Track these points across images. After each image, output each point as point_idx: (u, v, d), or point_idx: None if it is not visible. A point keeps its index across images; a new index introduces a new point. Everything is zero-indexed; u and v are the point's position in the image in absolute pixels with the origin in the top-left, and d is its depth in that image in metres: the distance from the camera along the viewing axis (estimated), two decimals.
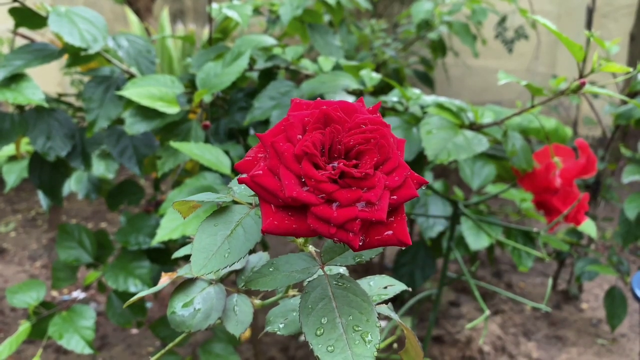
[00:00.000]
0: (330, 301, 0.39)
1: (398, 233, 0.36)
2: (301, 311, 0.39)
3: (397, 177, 0.36)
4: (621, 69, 0.77)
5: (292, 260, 0.43)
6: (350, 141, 0.37)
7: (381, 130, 0.37)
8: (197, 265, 0.38)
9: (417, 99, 1.03)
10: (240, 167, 0.38)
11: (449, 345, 1.51)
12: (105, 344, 1.54)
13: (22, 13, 0.96)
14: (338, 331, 0.37)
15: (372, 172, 0.35)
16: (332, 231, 0.34)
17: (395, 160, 0.37)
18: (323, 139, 0.36)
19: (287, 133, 0.37)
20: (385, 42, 1.94)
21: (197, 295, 0.49)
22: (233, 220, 0.40)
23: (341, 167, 0.35)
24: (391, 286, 0.47)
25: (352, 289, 0.41)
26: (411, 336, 0.45)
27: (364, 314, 0.38)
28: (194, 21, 3.08)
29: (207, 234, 0.39)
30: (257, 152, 0.39)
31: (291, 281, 0.42)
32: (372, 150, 0.36)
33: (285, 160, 0.35)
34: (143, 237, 1.09)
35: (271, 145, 0.36)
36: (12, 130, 0.98)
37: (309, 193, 0.35)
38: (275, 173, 0.36)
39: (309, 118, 0.37)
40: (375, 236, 0.36)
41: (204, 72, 0.99)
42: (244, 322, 0.48)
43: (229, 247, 0.38)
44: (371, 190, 0.35)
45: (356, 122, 0.37)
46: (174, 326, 0.47)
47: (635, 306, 1.66)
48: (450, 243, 1.13)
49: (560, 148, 1.03)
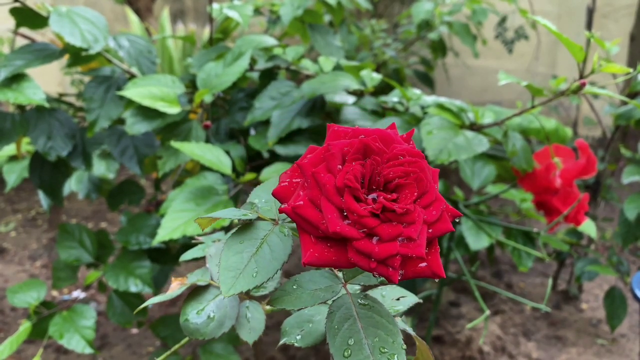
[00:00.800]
0: (355, 322, 0.40)
1: (433, 266, 0.36)
2: (328, 331, 0.39)
3: (434, 211, 0.37)
4: (621, 70, 0.77)
5: (314, 278, 0.43)
6: (389, 173, 0.37)
7: (419, 163, 0.37)
8: (226, 284, 0.38)
9: (418, 99, 1.03)
10: (278, 193, 0.38)
11: (449, 345, 1.52)
12: (105, 344, 1.54)
13: (23, 13, 0.97)
14: (365, 352, 0.38)
15: (413, 208, 0.36)
16: (372, 265, 0.35)
17: (432, 194, 0.37)
18: (363, 171, 0.36)
19: (327, 163, 0.37)
20: (386, 42, 1.94)
21: (210, 302, 0.48)
22: (258, 237, 0.40)
23: (382, 202, 0.35)
24: (403, 298, 0.47)
25: (376, 309, 0.41)
26: (424, 348, 0.46)
27: (390, 335, 0.39)
28: (195, 21, 3.08)
29: (234, 251, 0.39)
30: (292, 176, 0.39)
31: (316, 301, 0.42)
32: (412, 184, 0.36)
33: (327, 192, 0.35)
34: (144, 236, 1.10)
35: (312, 176, 0.36)
36: (13, 130, 0.98)
37: (351, 227, 0.35)
38: (316, 204, 0.36)
39: (349, 148, 0.37)
40: (411, 268, 0.36)
41: (205, 73, 0.99)
42: (257, 329, 0.48)
43: (257, 267, 0.38)
44: (411, 225, 0.35)
45: (394, 154, 0.37)
46: (188, 334, 0.46)
47: (635, 306, 1.67)
48: (451, 243, 1.14)
49: (560, 148, 1.03)
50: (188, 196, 0.87)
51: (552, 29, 0.80)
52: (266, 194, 0.46)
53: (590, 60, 0.82)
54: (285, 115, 0.99)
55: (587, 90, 0.81)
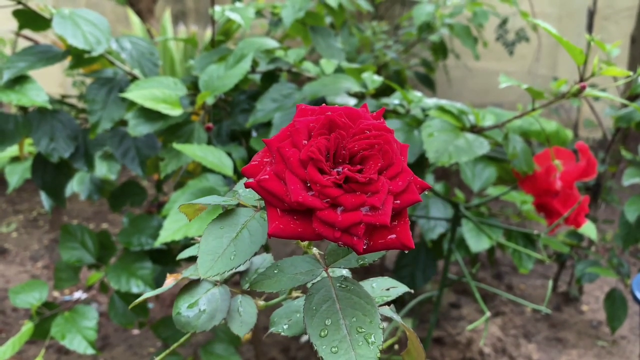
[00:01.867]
0: (334, 303, 0.40)
1: (401, 237, 0.36)
2: (305, 313, 0.39)
3: (400, 182, 0.37)
4: (621, 73, 0.77)
5: (296, 263, 0.44)
6: (354, 147, 0.37)
7: (385, 136, 0.37)
8: (204, 267, 0.38)
9: (419, 101, 1.03)
10: (246, 171, 0.39)
11: (450, 347, 1.52)
12: (106, 345, 1.55)
13: (26, 15, 0.97)
14: (342, 332, 0.38)
15: (376, 177, 0.36)
16: (336, 235, 0.35)
17: (398, 166, 0.37)
18: (328, 145, 0.37)
19: (292, 138, 0.37)
20: (387, 44, 1.95)
21: (202, 296, 0.49)
22: (239, 223, 0.41)
23: (346, 172, 0.36)
24: (393, 288, 0.47)
25: (355, 291, 0.41)
26: (413, 338, 0.46)
27: (367, 315, 0.39)
28: (196, 22, 3.08)
29: (214, 236, 0.40)
30: (263, 156, 0.39)
31: (295, 283, 0.42)
32: (376, 155, 0.37)
33: (291, 165, 0.36)
34: (145, 238, 1.10)
35: (277, 151, 0.37)
36: (16, 131, 0.98)
37: (314, 198, 0.35)
38: (281, 178, 0.36)
39: (314, 124, 0.38)
40: (379, 240, 0.36)
41: (207, 75, 1.00)
42: (248, 323, 0.49)
43: (235, 250, 0.39)
44: (375, 195, 0.35)
45: (360, 128, 0.38)
46: (179, 327, 0.47)
47: (636, 308, 1.67)
48: (451, 245, 1.14)
49: (560, 151, 1.03)
50: (190, 198, 0.87)
51: (553, 32, 0.80)
52: None
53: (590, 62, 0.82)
54: (286, 117, 1.00)
55: (587, 93, 0.81)
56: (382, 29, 1.97)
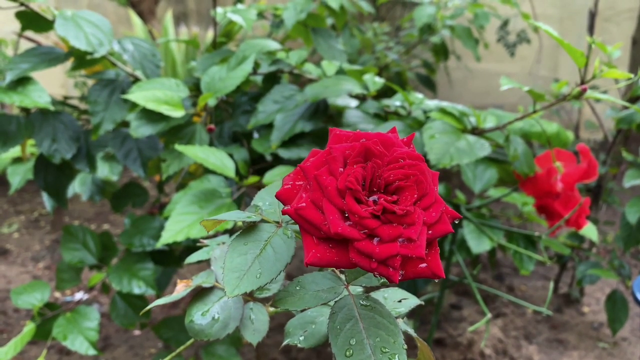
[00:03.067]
0: (357, 322, 0.40)
1: (432, 266, 0.37)
2: (330, 332, 0.39)
3: (434, 212, 0.37)
4: (622, 75, 0.77)
5: (317, 280, 0.44)
6: (390, 176, 0.38)
7: (419, 166, 0.38)
8: (230, 285, 0.38)
9: (420, 103, 1.03)
10: (280, 195, 0.39)
11: (451, 348, 1.52)
12: (107, 345, 1.55)
13: (28, 16, 0.97)
14: (366, 352, 0.38)
15: (413, 209, 0.36)
16: (373, 266, 0.35)
17: (432, 196, 0.38)
18: (364, 174, 0.37)
19: (329, 166, 0.37)
20: (388, 46, 1.95)
21: (214, 304, 0.49)
22: (262, 239, 0.41)
23: (382, 203, 0.36)
24: (405, 299, 0.48)
25: (377, 310, 0.41)
26: (425, 349, 0.46)
27: (391, 335, 0.39)
28: (197, 24, 3.09)
29: (238, 252, 0.40)
30: (294, 179, 0.40)
31: (319, 302, 0.42)
32: (412, 186, 0.37)
33: (329, 194, 0.36)
34: (147, 239, 1.10)
35: (314, 179, 0.37)
36: (18, 132, 0.99)
37: (352, 228, 0.35)
38: (318, 206, 0.36)
39: (350, 151, 0.38)
40: (411, 269, 0.37)
41: (209, 76, 1.00)
42: (261, 331, 0.49)
43: (260, 268, 0.39)
44: (411, 227, 0.36)
45: (395, 157, 0.38)
46: (193, 335, 0.47)
47: (637, 310, 1.67)
48: (452, 246, 1.14)
49: (561, 152, 1.03)
50: (192, 199, 0.87)
51: (554, 34, 0.80)
52: (270, 197, 0.46)
53: (591, 64, 0.82)
54: (288, 119, 1.00)
55: (588, 95, 0.81)
56: (383, 30, 1.98)
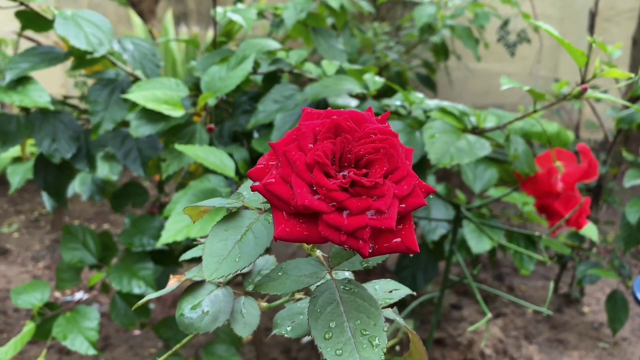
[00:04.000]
0: (338, 305, 0.40)
1: (406, 240, 0.37)
2: (310, 315, 0.39)
3: (405, 186, 0.37)
4: (622, 75, 0.77)
5: (300, 265, 0.44)
6: (360, 150, 0.37)
7: (390, 140, 0.38)
8: (209, 269, 0.38)
9: (420, 103, 1.03)
10: (252, 174, 0.39)
11: (451, 348, 1.52)
12: (107, 345, 1.55)
13: (28, 16, 0.97)
14: (346, 335, 0.38)
15: (382, 181, 0.36)
16: (342, 238, 0.35)
17: (404, 170, 0.37)
18: (334, 148, 0.37)
19: (299, 142, 0.37)
20: (388, 46, 1.95)
21: (205, 297, 0.49)
22: (243, 225, 0.41)
23: (352, 176, 0.36)
24: (396, 290, 0.47)
25: (359, 293, 0.41)
26: (416, 340, 0.46)
27: (372, 318, 0.39)
28: (197, 23, 3.09)
29: (218, 238, 0.40)
30: (268, 159, 0.39)
31: (300, 286, 0.42)
32: (382, 159, 0.37)
33: (297, 169, 0.36)
34: (147, 238, 1.10)
35: (283, 154, 0.37)
36: (18, 132, 0.99)
37: (320, 201, 0.35)
38: (287, 181, 0.36)
39: (320, 127, 0.38)
40: (384, 243, 0.36)
41: (209, 76, 1.00)
42: (252, 325, 0.49)
43: (240, 252, 0.39)
44: (381, 199, 0.36)
45: (366, 132, 0.38)
46: (183, 328, 0.47)
47: (637, 310, 1.67)
48: (452, 246, 1.14)
49: (562, 152, 1.03)
50: (191, 198, 0.87)
51: (554, 33, 0.80)
52: None
53: (592, 64, 0.82)
54: (288, 118, 1.00)
55: (588, 95, 0.81)
56: (384, 30, 1.98)
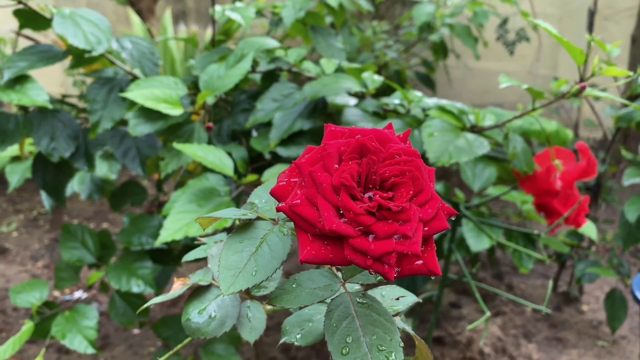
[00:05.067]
0: (353, 320, 0.40)
1: (429, 263, 0.37)
2: (326, 330, 0.39)
3: (430, 209, 0.37)
4: (621, 73, 0.77)
5: (314, 277, 0.44)
6: (385, 172, 0.37)
7: (415, 162, 0.38)
8: (226, 283, 0.38)
9: (419, 101, 1.03)
10: (275, 192, 0.39)
11: (450, 347, 1.52)
12: (107, 344, 1.55)
13: (26, 15, 0.97)
14: (363, 350, 0.38)
15: (408, 206, 0.36)
16: (368, 263, 0.35)
17: (428, 193, 0.37)
18: (359, 170, 0.37)
19: (324, 162, 0.37)
20: (387, 44, 1.95)
21: (211, 302, 0.48)
22: (258, 237, 0.41)
23: (378, 200, 0.36)
24: (403, 297, 0.47)
25: (374, 307, 0.41)
26: (423, 347, 0.46)
27: (387, 333, 0.39)
28: (196, 22, 3.08)
29: (233, 250, 0.40)
30: (289, 176, 0.39)
31: (315, 299, 0.42)
32: (407, 183, 0.37)
33: (323, 191, 0.36)
34: (146, 237, 1.10)
35: (309, 175, 0.37)
36: (16, 131, 0.98)
37: (347, 225, 0.35)
38: (313, 203, 0.36)
39: (345, 147, 0.38)
40: (407, 266, 0.36)
41: (207, 74, 1.00)
42: (258, 329, 0.48)
43: (256, 266, 0.39)
44: (407, 223, 0.35)
45: (390, 153, 0.38)
46: (189, 333, 0.46)
47: (636, 308, 1.67)
48: (452, 245, 1.14)
49: (561, 151, 1.03)
50: (190, 197, 0.87)
51: (553, 32, 0.80)
52: (266, 194, 0.46)
53: (591, 62, 0.82)
54: (287, 117, 1.00)
55: (587, 93, 0.81)
56: (383, 28, 1.97)
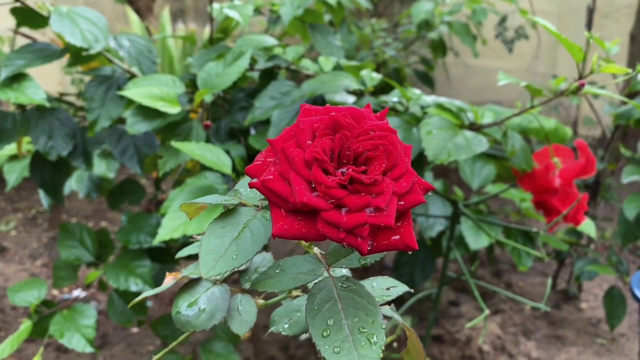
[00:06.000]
0: (336, 303, 0.40)
1: (405, 238, 0.36)
2: (308, 313, 0.39)
3: (404, 183, 0.37)
4: (620, 70, 0.77)
5: (298, 262, 0.44)
6: (359, 147, 0.37)
7: (389, 137, 0.37)
8: (206, 267, 0.38)
9: (418, 99, 1.03)
10: (250, 171, 0.38)
11: (449, 345, 1.52)
12: (105, 343, 1.55)
13: (23, 13, 0.97)
14: (344, 333, 0.38)
15: (381, 178, 0.36)
16: (341, 236, 0.35)
17: (402, 167, 0.37)
18: (332, 145, 0.37)
19: (297, 139, 0.37)
20: (386, 42, 1.95)
21: (201, 295, 0.49)
22: (240, 223, 0.41)
23: (350, 173, 0.36)
24: (394, 287, 0.47)
25: (357, 290, 0.41)
26: (413, 337, 0.46)
27: (370, 315, 0.39)
28: (195, 20, 3.08)
29: (215, 235, 0.40)
30: (266, 156, 0.39)
31: (297, 283, 0.42)
32: (381, 156, 0.37)
33: (295, 165, 0.36)
34: (144, 236, 1.10)
35: (282, 151, 0.37)
36: (14, 129, 0.98)
37: (319, 198, 0.35)
38: (285, 178, 0.36)
39: (319, 124, 0.38)
40: (382, 241, 0.36)
41: (205, 72, 0.99)
42: (248, 322, 0.48)
43: (237, 250, 0.39)
44: (380, 196, 0.35)
45: (365, 129, 0.38)
46: (179, 326, 0.47)
47: (635, 306, 1.67)
48: (450, 242, 1.14)
49: (559, 148, 1.03)
50: (188, 196, 0.87)
51: (552, 29, 0.80)
52: None
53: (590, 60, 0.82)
54: (285, 115, 0.99)
55: (586, 90, 0.81)
56: (381, 26, 1.97)
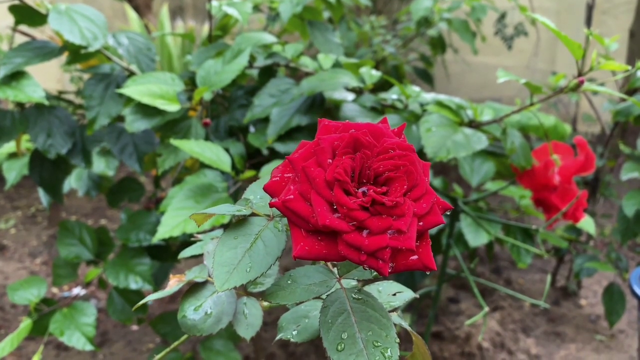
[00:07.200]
0: (349, 316, 0.40)
1: (424, 258, 0.36)
2: (321, 326, 0.39)
3: (424, 204, 0.37)
4: (619, 67, 0.77)
5: (309, 273, 0.43)
6: (379, 167, 0.37)
7: (409, 157, 0.37)
8: (220, 279, 0.38)
9: (417, 96, 1.03)
10: (268, 188, 0.38)
11: (448, 342, 1.52)
12: (105, 341, 1.55)
13: (22, 10, 0.97)
14: (358, 346, 0.38)
15: (402, 200, 0.36)
16: (362, 258, 0.35)
17: (422, 187, 0.37)
18: (353, 164, 0.36)
19: (317, 157, 0.37)
20: (385, 39, 1.94)
21: (207, 299, 0.48)
22: (252, 233, 0.40)
23: (372, 195, 0.35)
24: (400, 293, 0.47)
25: (370, 303, 0.41)
26: (420, 343, 0.46)
27: (383, 329, 0.39)
28: (194, 18, 3.07)
29: (228, 247, 0.39)
30: (283, 171, 0.39)
31: (310, 295, 0.41)
32: (402, 177, 0.36)
33: (317, 186, 0.36)
34: (144, 234, 1.10)
35: (302, 170, 0.36)
36: (13, 127, 0.98)
37: (341, 220, 0.35)
38: (306, 198, 0.36)
39: (339, 142, 0.37)
40: (401, 261, 0.36)
41: (204, 70, 0.99)
42: (254, 325, 0.48)
43: (250, 262, 0.39)
44: (401, 218, 0.35)
45: (384, 147, 0.37)
46: (185, 330, 0.46)
47: (634, 302, 1.67)
48: (450, 240, 1.14)
49: (559, 145, 1.03)
50: (188, 194, 0.87)
51: (551, 26, 0.80)
52: (261, 190, 0.46)
53: (589, 57, 0.82)
54: (284, 113, 0.99)
55: (585, 87, 0.81)
56: (381, 23, 1.97)
